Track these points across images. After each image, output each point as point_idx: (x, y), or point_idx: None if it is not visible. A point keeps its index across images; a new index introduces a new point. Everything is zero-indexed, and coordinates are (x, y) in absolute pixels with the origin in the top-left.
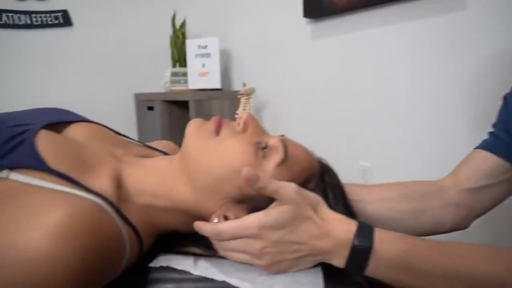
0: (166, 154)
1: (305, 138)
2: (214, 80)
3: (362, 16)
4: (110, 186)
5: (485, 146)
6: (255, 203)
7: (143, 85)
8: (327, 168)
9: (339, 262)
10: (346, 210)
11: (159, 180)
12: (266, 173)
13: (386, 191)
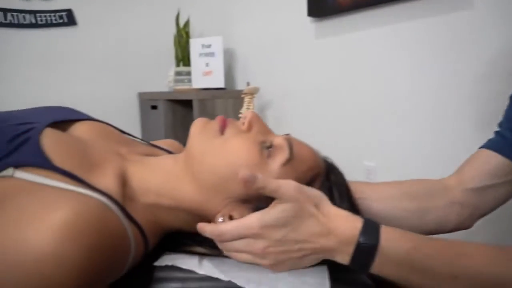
0: (170, 153)
1: (309, 138)
2: (218, 79)
3: (367, 15)
4: (115, 185)
5: (490, 145)
6: (261, 202)
7: (147, 84)
8: (332, 167)
9: (344, 259)
10: (352, 209)
11: (164, 179)
12: (271, 172)
13: (391, 189)
